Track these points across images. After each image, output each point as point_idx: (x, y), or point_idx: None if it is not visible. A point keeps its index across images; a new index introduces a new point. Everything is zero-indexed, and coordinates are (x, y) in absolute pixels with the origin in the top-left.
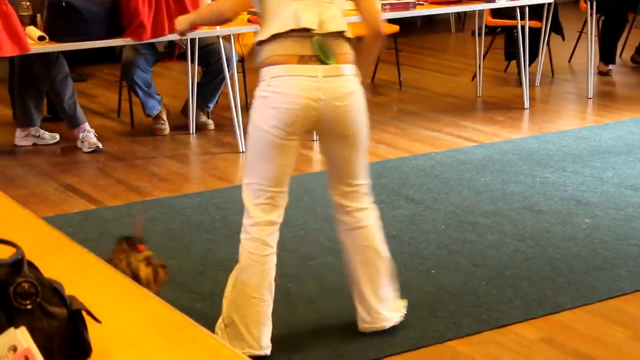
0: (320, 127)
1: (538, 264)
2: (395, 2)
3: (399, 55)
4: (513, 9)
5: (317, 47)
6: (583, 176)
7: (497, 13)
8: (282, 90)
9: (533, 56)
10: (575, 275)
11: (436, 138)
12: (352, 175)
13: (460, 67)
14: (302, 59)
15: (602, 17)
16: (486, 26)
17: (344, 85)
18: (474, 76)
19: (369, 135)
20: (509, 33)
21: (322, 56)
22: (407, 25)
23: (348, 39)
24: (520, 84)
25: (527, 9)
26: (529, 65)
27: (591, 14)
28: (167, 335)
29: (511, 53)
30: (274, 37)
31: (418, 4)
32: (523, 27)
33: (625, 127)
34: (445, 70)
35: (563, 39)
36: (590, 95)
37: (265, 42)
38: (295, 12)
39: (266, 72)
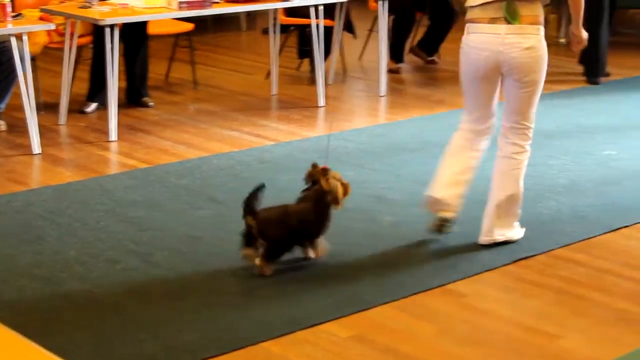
0: (502, 72)
1: (345, 261)
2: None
3: (194, 54)
4: (306, 7)
5: (505, 10)
6: (381, 173)
7: (290, 12)
8: (472, 44)
9: (326, 54)
10: (382, 272)
11: (235, 137)
12: (519, 114)
13: (253, 66)
14: (492, 20)
15: (392, 17)
16: (279, 24)
17: (522, 41)
18: (268, 74)
19: (541, 85)
20: (302, 31)
21: (508, 17)
22: (198, 23)
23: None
24: (314, 82)
25: (321, 8)
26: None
27: (383, 13)
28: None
29: (304, 51)
30: (482, 4)
31: (214, 2)
32: (317, 26)
33: (417, 124)
34: (239, 69)
35: (355, 37)
36: (383, 93)
37: (474, 7)
38: None
39: (467, 28)
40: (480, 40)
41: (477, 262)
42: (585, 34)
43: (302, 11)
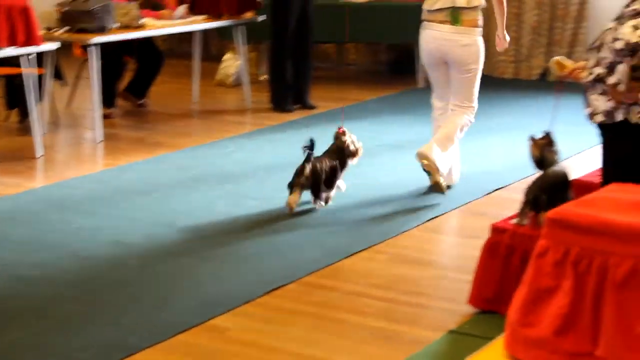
0: (446, 62)
1: (101, 308)
2: None
3: None
4: (15, 56)
5: (450, 15)
6: (117, 218)
7: None
8: (424, 38)
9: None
10: (143, 315)
11: None
12: (462, 95)
13: None
14: (441, 22)
15: (102, 62)
16: None
17: (461, 39)
18: None
19: (479, 74)
20: (9, 81)
21: (452, 20)
22: None
23: (481, 10)
24: (26, 132)
25: (32, 56)
26: None
27: (90, 59)
28: None
29: (13, 101)
30: (436, 10)
31: None
32: (28, 75)
33: (140, 168)
34: None
35: (64, 84)
36: (99, 139)
37: (430, 11)
38: None
39: (422, 26)
40: (429, 35)
41: (234, 296)
42: (507, 36)
43: (10, 60)
